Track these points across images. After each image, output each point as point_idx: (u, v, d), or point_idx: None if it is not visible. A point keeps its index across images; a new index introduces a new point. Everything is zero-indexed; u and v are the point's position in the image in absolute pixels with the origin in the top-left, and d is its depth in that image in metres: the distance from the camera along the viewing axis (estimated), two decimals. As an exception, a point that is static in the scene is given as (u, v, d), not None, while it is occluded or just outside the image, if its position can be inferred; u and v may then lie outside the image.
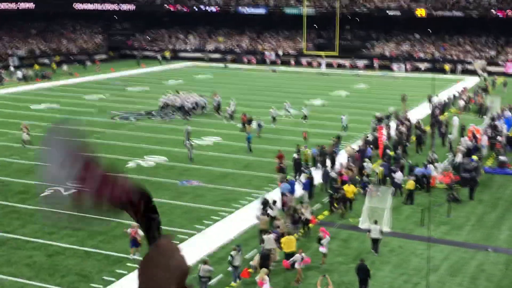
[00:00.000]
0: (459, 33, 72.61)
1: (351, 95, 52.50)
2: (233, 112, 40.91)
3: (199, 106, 43.28)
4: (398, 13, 73.50)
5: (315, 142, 32.29)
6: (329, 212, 24.19)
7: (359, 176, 27.25)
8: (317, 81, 61.30)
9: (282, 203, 23.74)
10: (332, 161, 29.19)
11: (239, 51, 78.75)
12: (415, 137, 34.47)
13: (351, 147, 31.31)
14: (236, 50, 78.99)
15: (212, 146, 34.26)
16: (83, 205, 1.68)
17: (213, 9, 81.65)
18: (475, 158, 29.14)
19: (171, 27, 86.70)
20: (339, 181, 25.70)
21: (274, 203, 22.62)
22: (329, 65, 71.34)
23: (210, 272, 17.52)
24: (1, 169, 29.48)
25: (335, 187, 24.73)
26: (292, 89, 54.77)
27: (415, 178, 26.10)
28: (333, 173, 26.92)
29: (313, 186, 25.90)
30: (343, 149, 31.71)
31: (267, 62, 74.26)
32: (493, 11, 68.83)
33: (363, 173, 27.61)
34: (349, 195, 24.22)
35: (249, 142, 32.82)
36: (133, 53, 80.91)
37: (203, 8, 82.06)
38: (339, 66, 71.56)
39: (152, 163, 30.57)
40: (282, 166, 27.71)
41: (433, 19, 71.26)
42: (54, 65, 67.95)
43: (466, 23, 71.04)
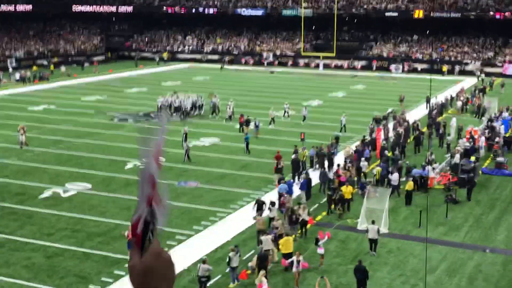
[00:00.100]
0: (456, 34, 72.75)
1: (349, 96, 52.56)
2: (232, 113, 40.95)
3: (197, 107, 43.32)
4: (396, 14, 73.67)
5: (312, 143, 32.29)
6: (327, 213, 24.23)
7: (357, 177, 27.29)
8: (315, 82, 61.34)
9: (280, 204, 23.76)
10: (330, 162, 29.22)
11: (237, 52, 78.82)
12: (413, 138, 34.54)
13: (349, 148, 31.36)
14: (234, 52, 79.06)
15: (210, 147, 34.27)
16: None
17: (211, 10, 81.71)
18: (472, 159, 29.21)
19: (169, 29, 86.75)
20: (336, 182, 25.71)
21: (273, 204, 22.64)
22: (326, 65, 71.48)
23: (209, 271, 17.52)
24: (-1, 171, 29.48)
25: (333, 188, 24.75)
26: (290, 90, 54.81)
27: (412, 179, 26.15)
28: (330, 174, 26.94)
29: (310, 187, 25.93)
30: (341, 150, 31.76)
31: (264, 64, 74.32)
32: (491, 13, 68.99)
33: (361, 174, 27.66)
34: (347, 196, 24.25)
35: (247, 143, 32.86)
36: (131, 54, 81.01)
37: (201, 9, 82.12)
38: (337, 67, 71.67)
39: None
40: (279, 167, 27.74)
41: (430, 20, 71.37)
42: (52, 67, 67.94)
43: (464, 24, 71.20)
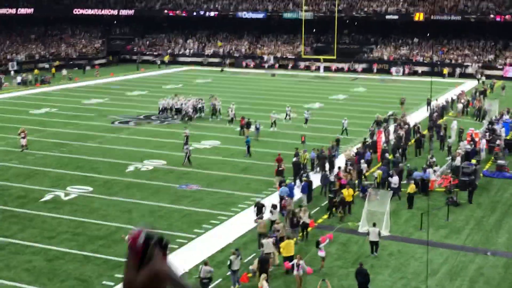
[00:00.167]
0: (457, 37, 72.79)
1: (350, 99, 52.55)
2: (234, 116, 40.99)
3: (197, 109, 43.39)
4: (396, 17, 73.72)
5: (313, 145, 32.28)
6: (328, 215, 24.21)
7: (357, 180, 27.27)
8: (316, 85, 61.37)
9: (281, 207, 23.75)
10: (331, 165, 29.20)
11: (237, 55, 78.89)
12: (414, 140, 34.53)
13: (350, 150, 31.35)
14: (235, 54, 79.14)
15: (210, 150, 34.28)
16: None
17: (212, 13, 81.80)
18: (473, 161, 29.20)
19: (170, 32, 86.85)
20: (337, 184, 25.70)
21: (275, 207, 22.63)
22: (327, 68, 71.49)
23: (211, 273, 17.55)
24: (0, 174, 29.51)
25: (334, 191, 24.74)
26: (291, 92, 54.84)
27: (413, 181, 26.14)
28: (331, 177, 26.93)
29: (311, 189, 25.92)
30: (342, 152, 31.75)
31: (265, 67, 74.38)
32: (491, 16, 69.02)
33: (362, 176, 27.64)
34: (348, 199, 24.24)
35: (248, 146, 32.86)
36: (132, 57, 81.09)
37: (201, 13, 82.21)
38: (338, 70, 71.70)
39: (151, 167, 30.58)
40: (280, 169, 27.73)
41: (431, 23, 71.40)
42: (53, 70, 68.03)
43: (464, 27, 71.22)
